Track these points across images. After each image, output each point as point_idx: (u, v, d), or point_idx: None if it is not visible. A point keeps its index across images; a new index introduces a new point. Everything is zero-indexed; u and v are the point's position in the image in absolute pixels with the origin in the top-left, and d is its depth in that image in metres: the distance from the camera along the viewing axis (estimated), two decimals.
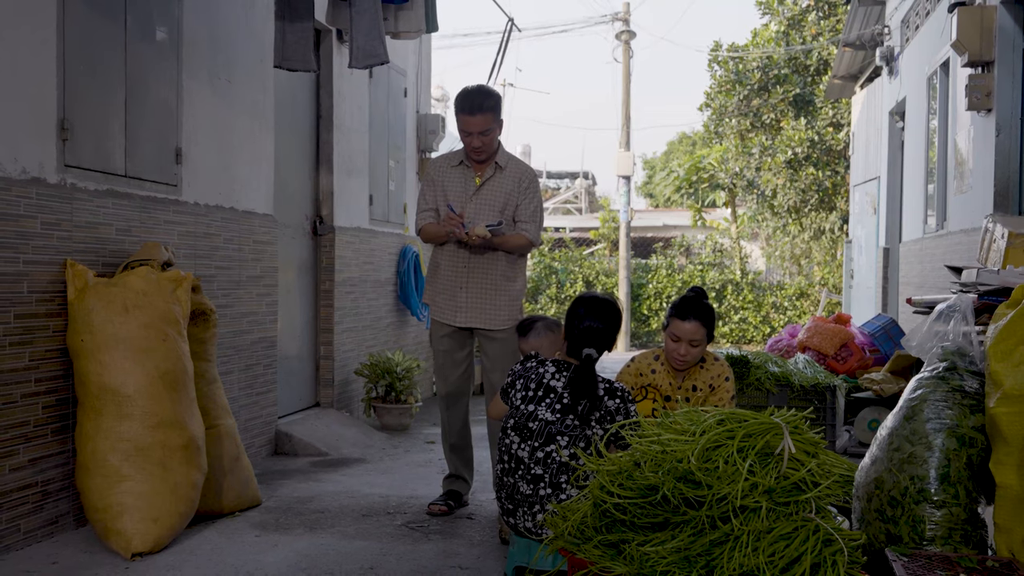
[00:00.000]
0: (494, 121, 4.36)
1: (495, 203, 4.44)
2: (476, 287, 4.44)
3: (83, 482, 3.80)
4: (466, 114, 4.31)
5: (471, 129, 4.32)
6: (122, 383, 3.81)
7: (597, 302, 3.51)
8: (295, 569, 3.56)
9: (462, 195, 4.45)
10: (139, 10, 4.43)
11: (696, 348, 3.82)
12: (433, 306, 4.57)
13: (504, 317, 4.45)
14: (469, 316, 4.44)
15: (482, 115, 4.30)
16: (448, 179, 4.50)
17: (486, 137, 4.35)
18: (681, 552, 2.38)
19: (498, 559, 3.70)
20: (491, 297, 4.45)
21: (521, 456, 3.41)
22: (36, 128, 3.80)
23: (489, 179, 4.46)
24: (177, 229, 4.77)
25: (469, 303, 4.44)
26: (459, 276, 4.45)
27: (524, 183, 4.47)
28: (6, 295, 3.63)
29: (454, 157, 4.56)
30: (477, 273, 4.43)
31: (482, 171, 4.47)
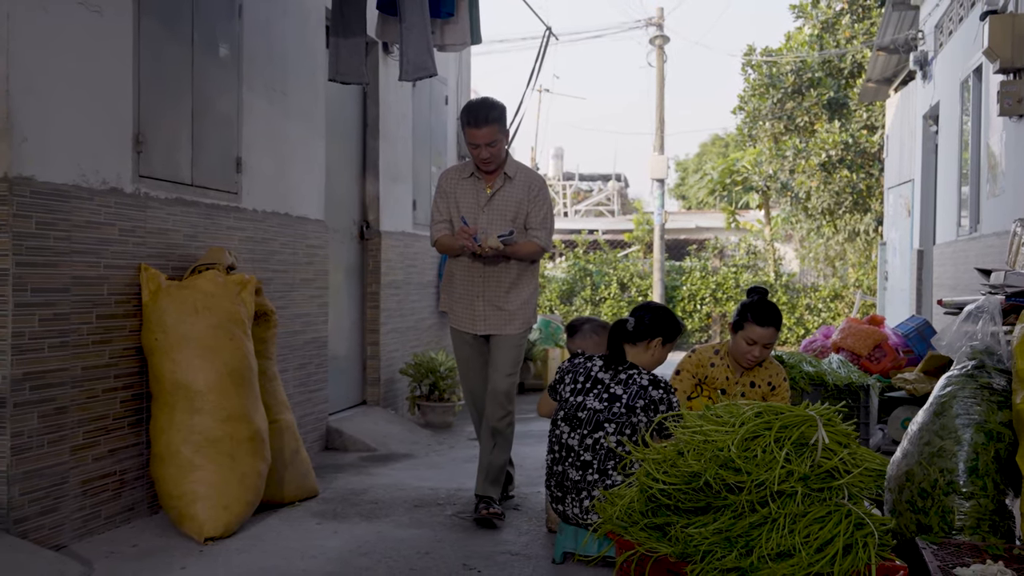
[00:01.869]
0: (499, 132, 4.42)
1: (506, 212, 4.51)
2: (492, 296, 4.52)
3: (158, 472, 4.07)
4: (472, 127, 4.38)
5: (478, 141, 4.38)
6: (193, 379, 4.07)
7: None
8: (355, 554, 3.80)
9: (474, 206, 4.52)
10: (204, 29, 4.70)
11: (768, 350, 4.09)
12: (452, 314, 4.66)
13: (519, 323, 4.54)
14: (488, 324, 4.53)
15: (488, 127, 4.36)
16: (460, 191, 4.56)
17: (493, 148, 4.41)
18: (722, 533, 2.58)
19: (545, 546, 3.92)
20: (505, 304, 4.52)
21: (571, 444, 3.64)
22: (114, 142, 4.07)
23: (499, 189, 4.53)
24: (237, 234, 5.03)
25: (486, 312, 4.52)
26: (475, 286, 4.53)
27: (534, 191, 4.54)
28: (89, 297, 3.90)
29: (464, 169, 4.63)
30: (492, 282, 4.51)
31: (492, 181, 4.54)
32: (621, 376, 3.67)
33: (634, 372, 3.68)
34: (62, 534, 3.73)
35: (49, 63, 3.68)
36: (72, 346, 3.81)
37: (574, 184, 35.38)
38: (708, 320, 17.06)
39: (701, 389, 4.26)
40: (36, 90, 3.62)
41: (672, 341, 3.86)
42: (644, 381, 3.63)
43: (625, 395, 3.61)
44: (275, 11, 5.44)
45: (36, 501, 3.62)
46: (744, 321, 4.11)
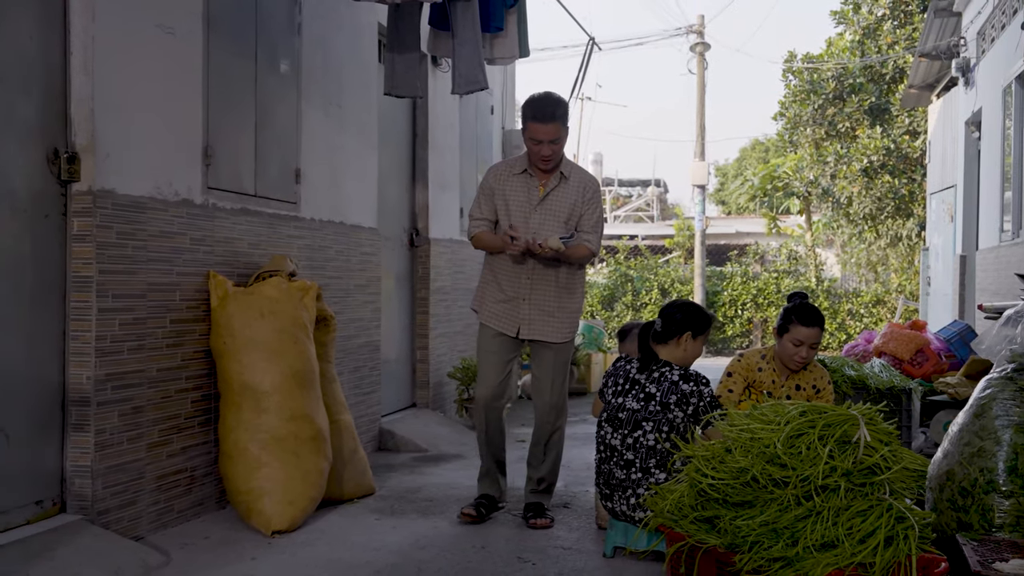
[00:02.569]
0: (563, 129, 4.31)
1: (560, 213, 4.38)
2: (539, 299, 4.40)
3: (226, 468, 4.29)
4: (538, 122, 4.24)
5: (542, 137, 4.25)
6: (259, 381, 4.29)
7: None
8: (415, 547, 3.99)
9: (525, 205, 4.38)
10: (267, 46, 4.93)
11: (814, 351, 4.24)
12: (487, 313, 4.49)
13: (566, 331, 4.45)
14: (532, 329, 4.41)
15: (553, 123, 4.24)
16: (510, 188, 4.40)
17: (556, 146, 4.28)
18: (769, 525, 2.73)
19: (596, 542, 4.07)
20: (553, 310, 4.41)
21: (614, 444, 3.81)
22: (186, 156, 4.31)
23: (554, 189, 4.39)
24: (297, 242, 5.26)
25: (532, 316, 4.40)
26: (522, 288, 4.40)
27: (588, 193, 4.41)
28: (163, 303, 4.13)
29: (516, 165, 4.46)
30: (540, 285, 4.39)
31: (546, 180, 4.40)
32: (654, 375, 3.83)
33: (665, 369, 3.83)
34: (139, 526, 3.96)
35: (128, 82, 3.92)
36: (148, 349, 4.04)
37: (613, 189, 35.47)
38: (749, 325, 17.10)
39: (749, 393, 4.41)
40: (117, 108, 3.86)
41: (703, 333, 3.99)
42: (675, 376, 3.78)
43: (658, 393, 3.76)
44: (331, 27, 5.67)
45: (117, 495, 3.85)
46: (789, 324, 4.26)
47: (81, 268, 3.73)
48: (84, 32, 3.72)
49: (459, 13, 5.17)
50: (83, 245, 3.73)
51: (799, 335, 4.22)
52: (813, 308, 4.30)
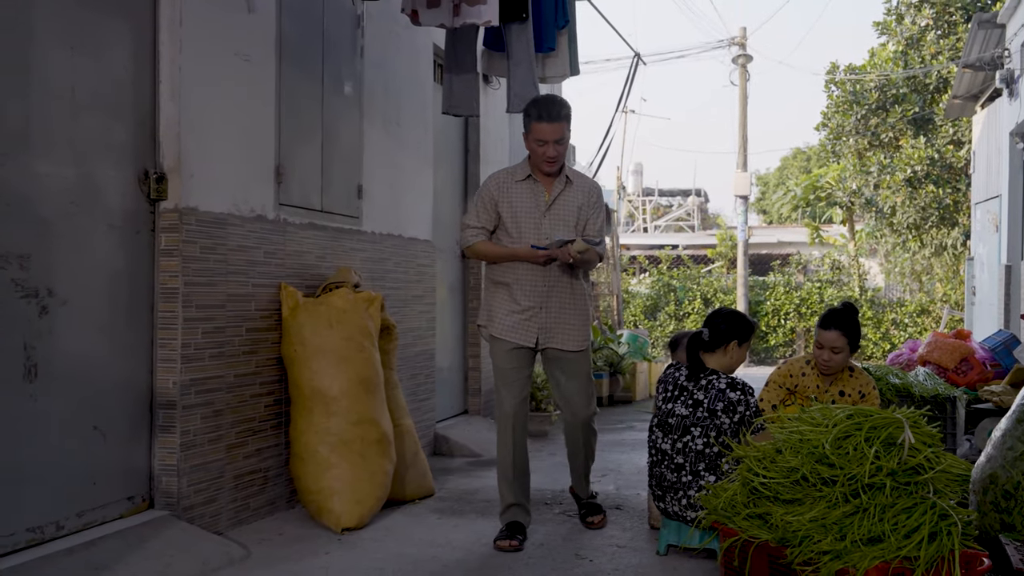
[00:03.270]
0: (567, 130, 4.24)
1: (568, 218, 4.32)
2: (556, 307, 4.33)
3: (297, 469, 4.54)
4: (544, 121, 4.18)
5: (547, 137, 4.18)
6: (328, 386, 4.54)
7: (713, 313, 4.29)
8: (477, 544, 4.20)
9: (534, 211, 4.30)
10: (332, 69, 5.20)
11: (838, 355, 4.39)
12: (499, 325, 4.34)
13: (582, 338, 4.39)
14: (550, 337, 4.33)
15: (559, 123, 4.19)
16: (515, 195, 4.31)
17: (560, 147, 4.22)
18: (818, 521, 2.91)
19: (649, 540, 4.26)
20: (569, 317, 4.35)
21: (664, 448, 4.00)
22: (260, 174, 4.58)
23: (560, 194, 4.32)
24: (359, 255, 5.51)
25: (549, 324, 4.32)
26: (538, 296, 4.30)
27: (593, 197, 4.38)
28: (240, 312, 4.40)
29: (517, 172, 4.37)
30: (556, 293, 4.32)
31: (550, 185, 4.32)
32: (702, 382, 4.01)
33: (713, 377, 4.00)
34: (219, 522, 4.22)
35: (209, 107, 4.20)
36: (226, 356, 4.31)
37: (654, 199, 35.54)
38: (792, 335, 17.14)
39: (794, 398, 4.58)
40: (200, 131, 4.13)
41: (747, 340, 4.18)
42: (722, 384, 3.96)
43: (706, 399, 3.94)
44: (390, 50, 5.93)
45: (200, 492, 4.11)
46: (817, 327, 4.47)
47: (168, 280, 4.01)
48: (172, 62, 4.01)
49: (514, 35, 5.40)
50: (170, 259, 4.01)
51: (819, 337, 4.42)
52: (836, 312, 4.46)
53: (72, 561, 3.35)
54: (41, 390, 3.43)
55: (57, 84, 3.52)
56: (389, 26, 5.85)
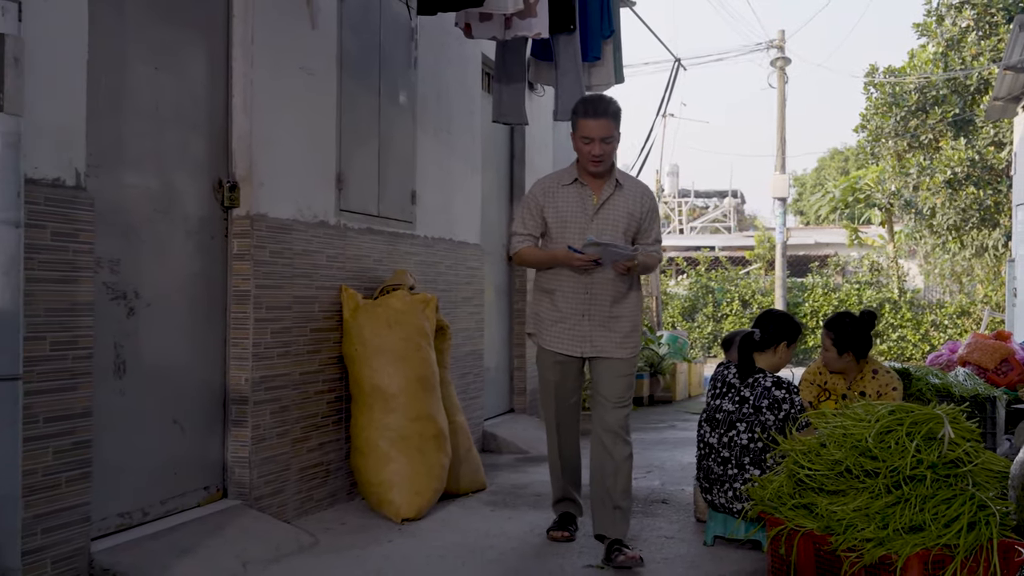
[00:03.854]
0: (615, 129, 4.05)
1: (617, 223, 4.10)
2: (599, 314, 4.10)
3: (358, 463, 4.77)
4: (589, 118, 4.00)
5: (593, 134, 3.99)
6: (388, 384, 4.76)
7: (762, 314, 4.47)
8: (530, 534, 4.40)
9: (581, 216, 4.09)
10: (388, 80, 5.43)
11: (827, 353, 4.67)
12: (544, 335, 4.19)
13: (631, 346, 4.15)
14: (594, 346, 4.11)
15: (606, 119, 4.00)
16: (561, 200, 4.12)
17: (607, 145, 4.01)
18: (861, 511, 3.07)
19: (695, 533, 4.44)
20: (615, 324, 4.12)
21: (711, 442, 4.18)
22: (322, 182, 4.82)
23: (609, 198, 4.11)
24: (413, 258, 5.74)
25: (593, 333, 4.10)
26: (580, 303, 4.10)
27: (647, 202, 4.18)
28: (305, 314, 4.64)
29: (564, 176, 4.19)
30: (600, 299, 4.09)
31: (599, 189, 4.12)
32: (749, 380, 4.18)
33: (760, 375, 4.17)
34: (286, 512, 4.46)
35: (277, 118, 4.44)
36: (293, 355, 4.55)
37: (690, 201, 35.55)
38: None
39: (828, 395, 4.77)
40: (268, 142, 4.38)
41: (795, 341, 4.36)
42: (768, 383, 4.12)
43: (752, 396, 4.11)
44: (441, 61, 6.16)
45: (269, 483, 4.35)
46: None
47: (240, 283, 4.25)
48: (244, 77, 4.25)
49: (562, 46, 5.61)
50: (242, 263, 4.25)
51: (822, 336, 4.73)
52: (836, 316, 4.77)
53: (158, 544, 3.60)
54: (129, 386, 3.69)
55: (143, 101, 3.77)
56: (440, 37, 6.07)
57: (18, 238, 2.94)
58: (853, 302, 16.86)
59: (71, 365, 3.27)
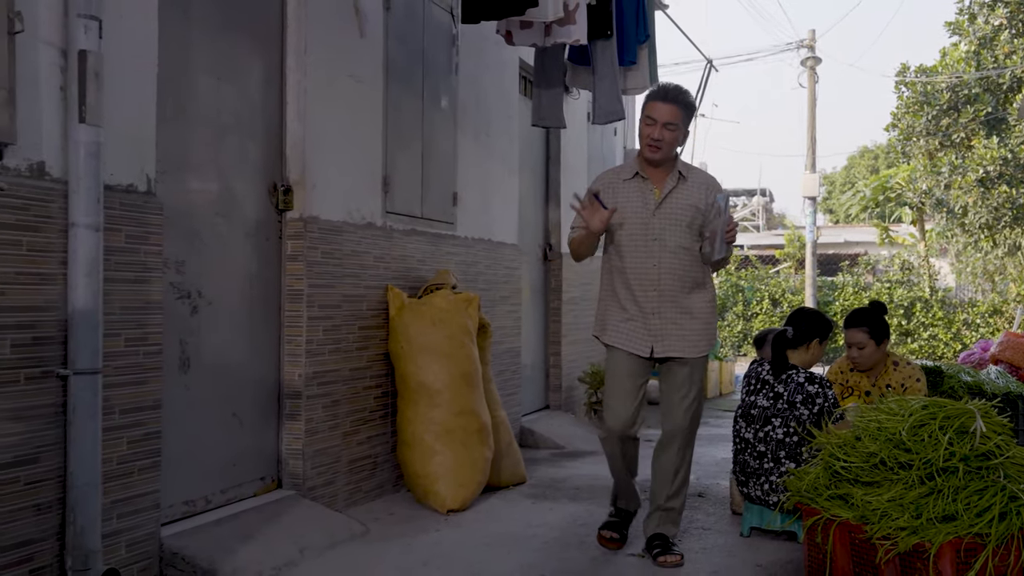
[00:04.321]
0: (682, 118, 3.90)
1: (680, 217, 3.93)
2: (670, 311, 3.93)
3: (404, 456, 4.94)
4: (658, 100, 3.87)
5: (657, 116, 3.85)
6: (432, 380, 4.93)
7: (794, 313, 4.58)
8: (572, 524, 4.56)
9: (642, 210, 3.92)
10: (431, 86, 5.61)
11: (863, 350, 4.72)
12: (614, 334, 4.01)
13: (703, 344, 4.01)
14: (666, 345, 3.94)
15: (673, 105, 3.86)
16: (622, 194, 3.96)
17: (669, 132, 3.85)
18: (895, 501, 3.20)
19: (732, 524, 4.58)
20: (688, 321, 3.96)
21: (747, 437, 4.31)
22: (369, 185, 5.00)
23: (672, 191, 3.93)
24: (454, 258, 5.91)
25: (665, 330, 3.93)
26: (649, 300, 3.93)
27: (712, 193, 3.97)
28: (353, 312, 4.82)
29: (624, 170, 4.04)
30: (670, 295, 3.93)
31: (661, 182, 3.95)
32: (783, 376, 4.31)
33: (793, 372, 4.29)
34: (336, 502, 4.64)
35: (328, 124, 4.63)
36: (342, 352, 4.73)
37: None
38: None
39: (851, 391, 4.89)
40: (320, 147, 4.56)
41: (827, 338, 4.48)
42: (801, 379, 4.25)
43: (786, 392, 4.24)
44: (480, 65, 6.32)
45: (321, 475, 4.54)
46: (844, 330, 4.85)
47: (294, 283, 4.44)
48: (298, 85, 4.44)
49: (599, 51, 5.75)
50: (295, 263, 4.44)
51: (847, 336, 4.77)
52: (856, 311, 4.85)
53: (222, 530, 3.80)
54: (192, 380, 3.88)
55: (205, 110, 3.97)
56: (479, 43, 6.24)
57: (98, 241, 3.15)
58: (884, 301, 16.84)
59: (142, 360, 3.46)
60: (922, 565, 3.09)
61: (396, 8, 5.19)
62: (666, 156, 3.93)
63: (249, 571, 3.58)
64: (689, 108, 3.94)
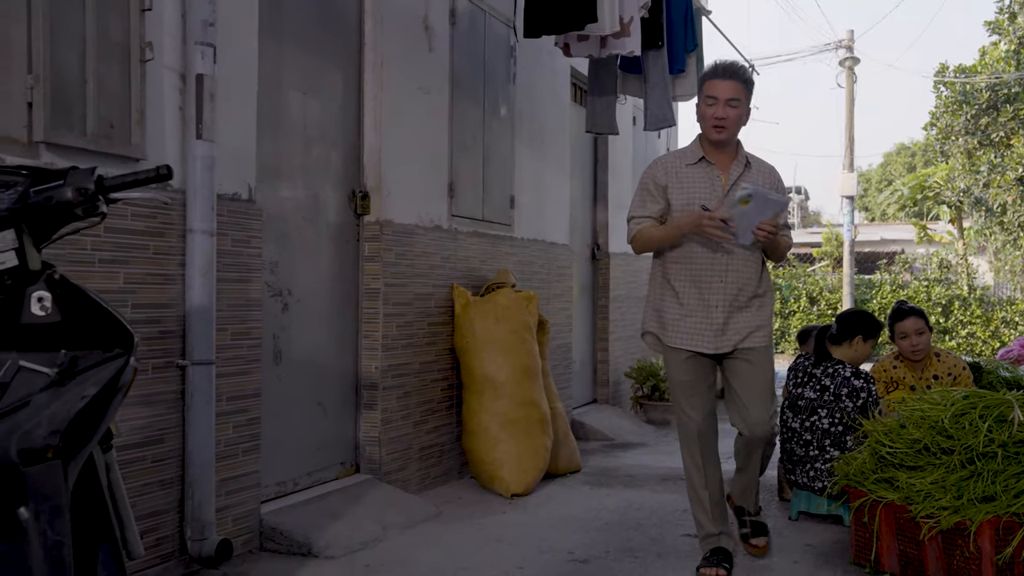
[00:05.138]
0: (744, 95, 3.64)
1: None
2: (734, 302, 3.67)
3: (470, 444, 5.27)
4: (716, 78, 3.62)
5: (719, 94, 3.59)
6: (496, 373, 5.25)
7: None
8: (629, 509, 4.86)
9: (709, 198, 3.61)
10: (491, 95, 5.93)
11: (922, 337, 4.96)
12: (671, 332, 3.72)
13: (764, 334, 3.76)
14: (731, 339, 3.67)
15: (734, 82, 3.60)
16: (687, 179, 3.66)
17: (732, 109, 3.60)
18: (938, 484, 3.47)
19: (780, 509, 4.85)
20: (747, 315, 3.70)
21: (794, 427, 4.59)
22: (437, 190, 5.33)
23: (740, 178, 3.67)
24: (512, 258, 6.23)
25: (728, 323, 3.66)
26: (712, 292, 3.65)
27: (776, 184, 3.76)
28: (423, 309, 5.16)
29: (687, 154, 3.73)
30: (734, 285, 3.65)
31: (727, 168, 3.68)
32: (829, 370, 4.58)
33: (839, 366, 4.57)
34: (409, 487, 4.98)
35: (400, 134, 4.96)
36: (414, 346, 5.07)
37: None
38: None
39: (897, 386, 5.13)
40: (394, 155, 4.90)
41: (873, 337, 4.74)
42: (847, 373, 4.52)
43: (832, 385, 4.51)
44: (535, 74, 6.63)
45: (395, 460, 4.88)
46: (892, 326, 5.07)
47: (371, 282, 4.78)
48: (374, 98, 4.78)
49: (650, 61, 6.05)
50: (372, 264, 4.78)
51: (902, 328, 4.98)
52: (904, 304, 5.12)
53: (311, 509, 4.15)
54: (284, 372, 4.23)
55: (294, 123, 4.32)
56: (534, 53, 6.55)
57: (212, 245, 3.50)
58: (922, 299, 16.95)
59: (245, 353, 3.82)
60: (963, 542, 3.36)
61: (461, 23, 5.52)
62: (732, 136, 3.67)
63: (340, 546, 3.93)
64: (750, 83, 3.69)
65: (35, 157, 2.90)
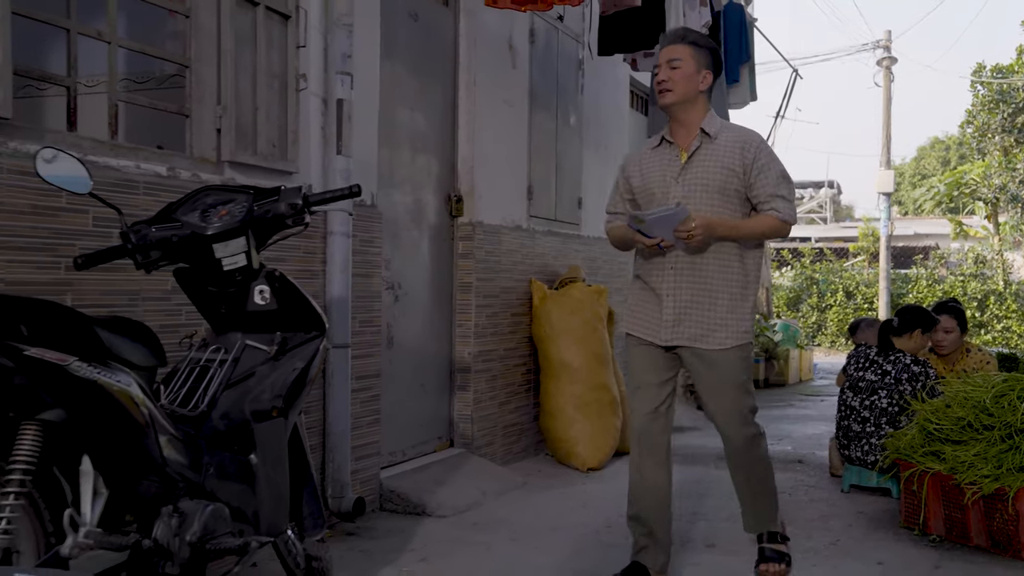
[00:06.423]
0: (691, 55, 3.32)
1: (708, 181, 3.30)
2: (686, 294, 3.34)
3: (547, 424, 5.82)
4: (661, 46, 3.43)
5: (660, 59, 3.36)
6: (571, 359, 5.80)
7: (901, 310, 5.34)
8: (691, 482, 5.39)
9: (661, 181, 3.36)
10: (563, 106, 6.46)
11: (951, 334, 5.45)
12: (629, 318, 3.57)
13: (724, 334, 3.36)
14: (679, 333, 3.36)
15: (673, 44, 3.35)
16: (647, 165, 3.43)
17: (674, 70, 3.31)
18: (980, 455, 3.98)
19: (832, 483, 5.36)
20: (706, 307, 3.34)
21: (854, 406, 5.10)
22: (517, 194, 5.88)
23: (696, 153, 3.33)
24: (579, 255, 6.77)
25: (679, 315, 3.35)
26: (664, 280, 3.36)
27: (750, 152, 3.31)
28: (507, 301, 5.71)
29: (655, 139, 3.49)
30: (687, 274, 3.34)
31: (688, 144, 3.36)
32: (891, 358, 5.08)
33: (900, 355, 5.07)
34: (495, 460, 5.54)
35: (488, 143, 5.51)
36: (499, 335, 5.62)
37: None
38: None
39: None
40: (483, 163, 5.44)
41: (929, 331, 5.24)
42: (907, 360, 5.03)
43: (893, 370, 5.02)
44: (599, 84, 7.16)
45: (483, 436, 5.44)
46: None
47: (464, 277, 5.34)
48: (468, 112, 5.33)
49: None
50: (465, 260, 5.33)
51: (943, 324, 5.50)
52: (947, 302, 5.66)
53: (420, 476, 4.72)
54: (395, 356, 4.80)
55: (403, 136, 4.88)
56: (598, 64, 7.06)
57: (348, 245, 4.07)
58: (958, 294, 17.28)
59: (369, 338, 4.39)
60: (1002, 506, 3.86)
61: (538, 41, 6.06)
62: (680, 98, 3.33)
63: (448, 507, 4.49)
64: (697, 43, 3.38)
65: (220, 173, 3.48)
